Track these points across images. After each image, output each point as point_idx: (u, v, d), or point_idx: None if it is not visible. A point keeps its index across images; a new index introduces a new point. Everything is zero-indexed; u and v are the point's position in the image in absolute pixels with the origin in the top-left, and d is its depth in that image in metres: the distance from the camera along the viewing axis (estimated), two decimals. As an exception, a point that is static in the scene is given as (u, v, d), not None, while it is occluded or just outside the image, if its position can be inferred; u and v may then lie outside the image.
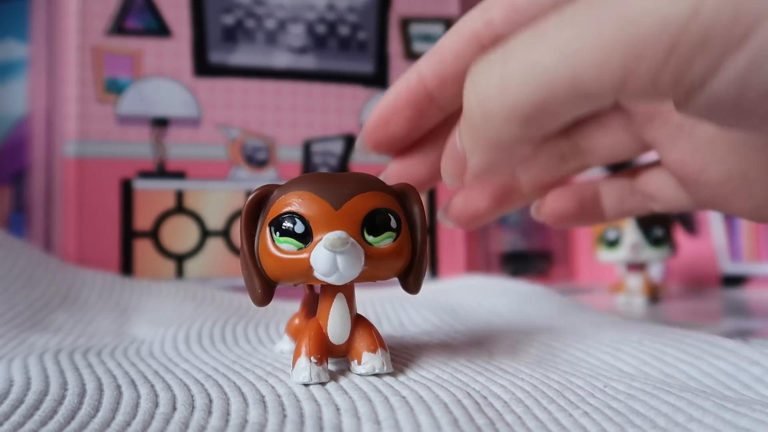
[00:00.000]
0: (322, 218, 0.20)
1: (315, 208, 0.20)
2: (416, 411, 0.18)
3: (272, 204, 0.21)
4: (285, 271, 0.21)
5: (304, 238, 0.20)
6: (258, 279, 0.21)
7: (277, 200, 0.21)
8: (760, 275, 0.54)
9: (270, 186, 0.21)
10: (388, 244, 0.21)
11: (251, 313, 0.35)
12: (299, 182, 0.21)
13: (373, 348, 0.21)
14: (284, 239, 0.20)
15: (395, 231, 0.21)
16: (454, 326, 0.31)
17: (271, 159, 0.50)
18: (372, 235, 0.21)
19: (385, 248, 0.21)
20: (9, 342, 0.28)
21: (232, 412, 0.18)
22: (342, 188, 0.21)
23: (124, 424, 0.17)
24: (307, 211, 0.20)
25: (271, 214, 0.21)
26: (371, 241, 0.21)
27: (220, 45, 0.48)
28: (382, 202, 0.21)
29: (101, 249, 0.45)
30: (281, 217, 0.20)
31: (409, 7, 0.53)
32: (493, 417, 0.18)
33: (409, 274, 0.22)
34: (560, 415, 0.18)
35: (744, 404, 0.18)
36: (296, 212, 0.20)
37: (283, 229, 0.20)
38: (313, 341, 0.21)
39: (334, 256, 0.19)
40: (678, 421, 0.17)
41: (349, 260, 0.20)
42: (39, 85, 0.49)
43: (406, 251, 0.22)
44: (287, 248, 0.20)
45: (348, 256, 0.20)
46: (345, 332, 0.21)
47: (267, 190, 0.21)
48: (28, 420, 0.17)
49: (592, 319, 0.31)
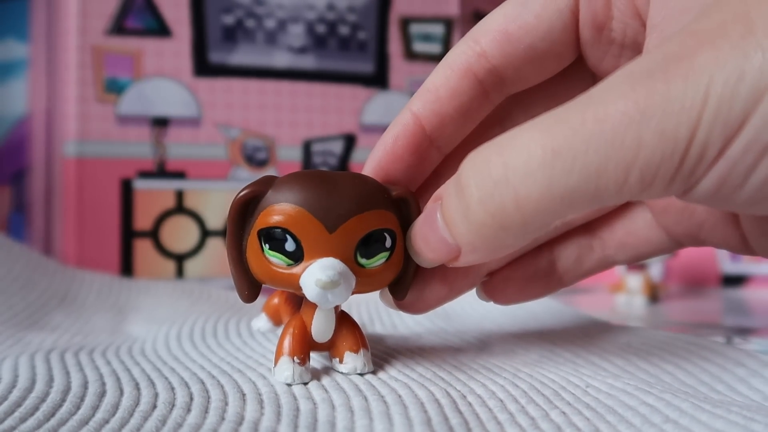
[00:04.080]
0: (315, 241, 0.19)
1: (308, 228, 0.19)
2: (392, 410, 0.18)
3: (263, 208, 0.20)
4: (273, 280, 0.20)
5: (295, 256, 0.20)
6: (244, 279, 0.21)
7: (269, 206, 0.20)
8: (760, 275, 0.53)
9: (260, 186, 0.20)
10: (380, 264, 0.20)
11: (246, 309, 0.35)
12: (293, 190, 0.20)
13: (356, 348, 0.21)
14: (274, 254, 0.20)
15: (389, 250, 0.20)
16: (445, 329, 0.31)
17: (271, 159, 0.50)
18: (365, 258, 0.20)
19: (377, 268, 0.20)
20: (5, 341, 0.28)
21: (211, 410, 0.18)
22: (338, 206, 0.19)
23: (102, 422, 0.18)
24: (300, 231, 0.19)
25: (261, 221, 0.20)
26: (364, 264, 0.20)
27: (220, 45, 0.49)
28: (379, 222, 0.20)
29: (101, 249, 0.46)
30: (273, 230, 0.20)
31: (409, 7, 0.53)
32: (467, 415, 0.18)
33: (398, 282, 0.22)
34: (536, 413, 0.18)
35: (722, 406, 0.18)
36: (288, 230, 0.19)
37: (273, 242, 0.20)
38: (296, 340, 0.21)
39: (326, 292, 0.19)
40: (654, 421, 0.17)
41: (340, 293, 0.19)
42: (39, 85, 0.49)
43: (398, 265, 0.21)
44: (276, 262, 0.20)
45: (339, 290, 0.19)
46: (329, 331, 0.21)
47: (256, 191, 0.20)
48: (9, 417, 0.18)
49: (584, 321, 0.31)
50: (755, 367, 0.21)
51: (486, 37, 0.21)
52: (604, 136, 0.16)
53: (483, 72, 0.22)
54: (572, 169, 0.16)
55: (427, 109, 0.22)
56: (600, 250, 0.25)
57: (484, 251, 0.19)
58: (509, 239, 0.18)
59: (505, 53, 0.21)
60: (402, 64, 0.53)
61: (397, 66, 0.52)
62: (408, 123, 0.22)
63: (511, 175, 0.17)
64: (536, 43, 0.21)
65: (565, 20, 0.21)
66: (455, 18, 0.54)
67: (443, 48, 0.54)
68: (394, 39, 0.52)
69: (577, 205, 0.17)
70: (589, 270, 0.26)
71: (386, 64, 0.52)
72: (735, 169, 0.16)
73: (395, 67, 0.52)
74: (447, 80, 0.22)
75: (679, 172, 0.16)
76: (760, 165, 0.16)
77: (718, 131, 0.15)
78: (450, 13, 0.54)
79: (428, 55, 0.53)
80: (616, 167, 0.16)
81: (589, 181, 0.16)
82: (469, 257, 0.19)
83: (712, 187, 0.16)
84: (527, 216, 0.17)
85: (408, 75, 0.53)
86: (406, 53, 0.53)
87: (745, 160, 0.16)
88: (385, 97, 0.52)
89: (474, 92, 0.22)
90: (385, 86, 0.52)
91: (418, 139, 0.22)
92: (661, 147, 0.16)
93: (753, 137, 0.15)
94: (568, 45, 0.22)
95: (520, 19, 0.21)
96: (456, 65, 0.22)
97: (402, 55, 0.53)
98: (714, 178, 0.16)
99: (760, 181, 0.16)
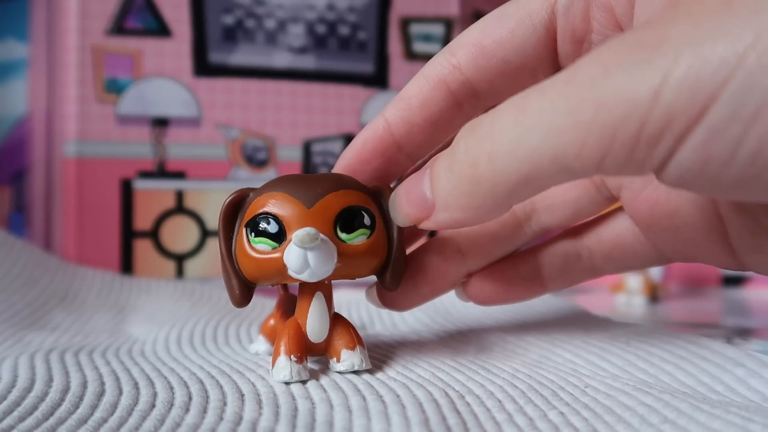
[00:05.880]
0: (294, 217, 0.20)
1: (288, 207, 0.20)
2: (390, 409, 0.18)
3: (248, 206, 0.21)
4: (261, 271, 0.21)
5: (278, 237, 0.20)
6: (236, 280, 0.21)
7: (253, 202, 0.21)
8: (760, 275, 0.53)
9: (246, 189, 0.22)
10: (362, 241, 0.21)
11: (246, 312, 0.35)
12: (274, 184, 0.21)
13: (352, 346, 0.21)
14: (259, 239, 0.21)
15: (369, 228, 0.21)
16: (445, 326, 0.31)
17: (271, 159, 0.50)
18: (345, 233, 0.21)
19: (359, 245, 0.21)
20: (6, 341, 0.28)
21: (210, 410, 0.18)
22: (315, 188, 0.21)
23: (100, 421, 0.18)
24: (281, 211, 0.20)
25: (247, 216, 0.21)
26: (344, 239, 0.21)
27: (220, 45, 0.49)
28: (356, 200, 0.21)
29: (101, 249, 0.46)
30: (256, 218, 0.21)
31: (409, 7, 0.53)
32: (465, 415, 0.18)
33: (386, 271, 0.22)
34: (534, 414, 0.18)
35: (721, 406, 0.18)
36: (270, 212, 0.21)
37: (258, 229, 0.21)
38: (292, 340, 0.21)
39: (305, 252, 0.20)
40: (652, 421, 0.17)
41: (320, 256, 0.20)
42: (39, 85, 0.49)
43: (382, 249, 0.22)
44: (262, 248, 0.21)
45: (318, 252, 0.20)
46: (324, 330, 0.21)
47: (243, 193, 0.22)
48: (8, 416, 0.18)
49: (584, 320, 0.31)
50: (755, 367, 0.21)
51: (461, 50, 0.22)
52: (567, 96, 0.16)
53: (456, 84, 0.22)
54: (535, 126, 0.16)
55: (397, 116, 0.23)
56: (587, 259, 0.25)
57: (455, 209, 0.19)
58: (479, 198, 0.18)
59: (479, 66, 0.22)
60: (402, 64, 0.53)
61: (397, 66, 0.52)
62: (378, 128, 0.23)
63: (492, 131, 0.17)
64: (509, 58, 0.22)
65: (539, 36, 0.21)
66: (455, 18, 0.54)
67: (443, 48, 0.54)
68: (394, 39, 0.52)
69: (543, 170, 0.17)
70: (576, 278, 0.26)
71: (386, 64, 0.52)
72: (719, 139, 0.15)
73: (395, 67, 0.52)
74: (420, 90, 0.23)
75: (641, 137, 0.15)
76: (749, 134, 0.14)
77: (686, 95, 0.14)
78: (450, 13, 0.54)
79: (428, 55, 0.53)
80: (576, 126, 0.16)
81: (549, 140, 0.16)
82: (439, 215, 0.20)
83: (694, 161, 0.15)
84: (497, 172, 0.17)
85: (408, 75, 0.53)
86: (406, 53, 0.53)
87: (731, 129, 0.14)
88: (385, 97, 0.52)
89: (445, 103, 0.23)
90: (385, 86, 0.52)
91: (386, 144, 0.23)
92: (618, 107, 0.15)
93: (738, 103, 0.14)
94: (544, 60, 0.22)
95: (494, 34, 0.22)
96: (430, 76, 0.23)
97: (402, 55, 0.53)
98: (694, 149, 0.15)
99: (750, 153, 0.15)
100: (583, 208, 0.25)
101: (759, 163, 0.15)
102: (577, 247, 0.26)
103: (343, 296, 0.37)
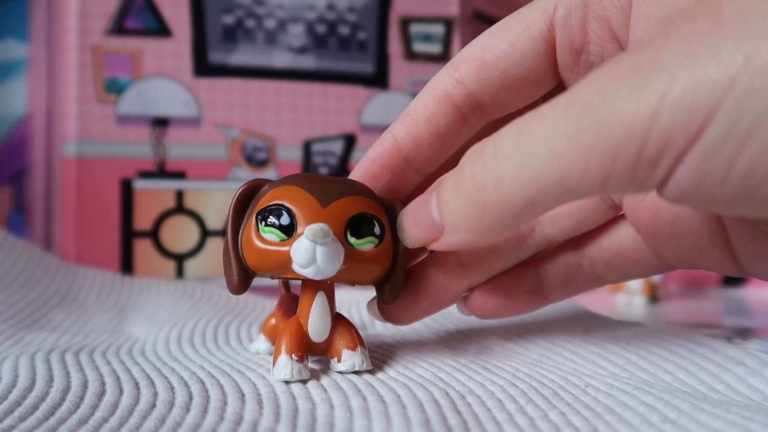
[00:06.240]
0: (308, 213, 0.20)
1: (303, 203, 0.21)
2: (390, 410, 0.18)
3: (261, 196, 0.21)
4: (265, 261, 0.21)
5: (288, 230, 0.20)
6: (237, 266, 0.21)
7: (268, 193, 0.21)
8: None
9: (262, 180, 0.22)
10: (369, 248, 0.21)
11: (246, 312, 0.35)
12: (291, 179, 0.21)
13: (353, 346, 0.21)
14: (269, 229, 0.21)
15: (378, 237, 0.21)
16: (446, 326, 0.31)
17: (271, 159, 0.50)
18: (355, 237, 0.21)
19: (366, 252, 0.21)
20: (6, 340, 0.28)
21: (210, 410, 0.18)
22: (332, 189, 0.21)
23: (101, 420, 0.18)
24: (294, 205, 0.21)
25: (260, 205, 0.21)
26: (353, 243, 0.21)
27: (220, 45, 0.49)
28: (369, 208, 0.21)
29: (101, 249, 0.46)
30: (269, 207, 0.21)
31: (409, 7, 0.53)
32: (466, 416, 0.18)
33: (386, 284, 0.22)
34: (534, 414, 0.18)
35: (722, 406, 0.18)
36: (284, 205, 0.21)
37: (269, 219, 0.21)
38: (293, 339, 0.21)
39: (314, 247, 0.20)
40: (652, 421, 0.17)
41: (328, 254, 0.20)
42: (39, 85, 0.49)
43: (386, 259, 0.22)
44: (270, 238, 0.21)
45: (327, 249, 0.20)
46: (325, 330, 0.21)
47: (259, 182, 0.22)
48: (8, 416, 0.18)
49: (585, 319, 0.31)
50: (755, 366, 0.21)
51: (464, 65, 0.22)
52: (567, 122, 0.16)
53: (460, 98, 0.23)
54: (538, 151, 0.17)
55: (404, 132, 0.23)
56: (589, 269, 0.26)
57: (463, 232, 0.19)
58: (486, 221, 0.19)
59: (481, 80, 0.22)
60: (402, 64, 0.53)
61: (397, 66, 0.52)
62: (386, 145, 0.24)
63: (497, 157, 0.18)
64: (510, 70, 0.22)
65: (538, 48, 0.22)
66: (455, 18, 0.54)
67: (443, 48, 0.54)
68: (394, 39, 0.52)
69: (548, 192, 0.17)
70: (578, 289, 0.26)
71: (386, 64, 0.52)
72: (713, 160, 0.15)
73: (395, 67, 0.52)
74: (425, 105, 0.23)
75: (641, 158, 0.16)
76: (742, 154, 0.15)
77: (682, 116, 0.15)
78: (450, 13, 0.54)
79: (428, 55, 0.53)
80: (578, 150, 0.16)
81: (552, 164, 0.17)
82: (448, 238, 0.20)
83: (691, 180, 0.16)
84: (503, 197, 0.18)
85: (408, 75, 0.53)
86: (406, 53, 0.53)
87: (725, 149, 0.15)
88: (385, 97, 0.52)
89: (451, 117, 0.23)
90: (385, 86, 0.52)
91: (394, 160, 0.24)
92: (618, 130, 0.15)
93: (730, 124, 0.15)
94: (545, 71, 0.22)
95: (495, 48, 0.22)
96: (435, 91, 0.23)
97: (402, 55, 0.53)
98: (690, 169, 0.15)
99: (743, 172, 0.15)
100: (587, 217, 0.25)
101: (752, 182, 0.15)
102: (578, 257, 0.26)
103: (344, 296, 0.37)
